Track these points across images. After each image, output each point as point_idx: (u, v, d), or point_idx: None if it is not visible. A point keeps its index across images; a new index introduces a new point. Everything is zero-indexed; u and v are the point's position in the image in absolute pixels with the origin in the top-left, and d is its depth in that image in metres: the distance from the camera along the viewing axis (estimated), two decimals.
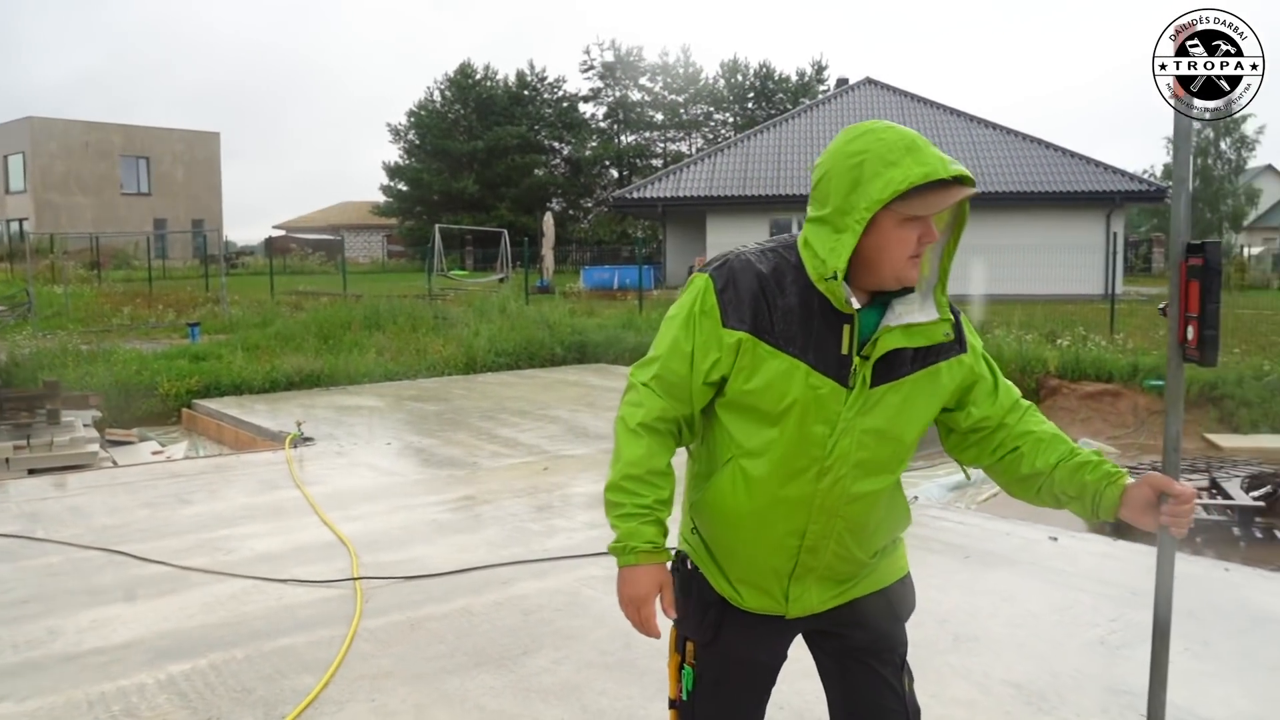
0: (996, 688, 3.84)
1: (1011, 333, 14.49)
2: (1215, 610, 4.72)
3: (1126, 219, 32.18)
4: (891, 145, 1.89)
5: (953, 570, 5.33)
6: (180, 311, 21.15)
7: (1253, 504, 7.57)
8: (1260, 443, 10.94)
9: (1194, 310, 2.17)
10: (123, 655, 4.14)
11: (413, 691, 3.79)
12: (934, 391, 2.04)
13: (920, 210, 1.87)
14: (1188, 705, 3.69)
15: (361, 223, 64.82)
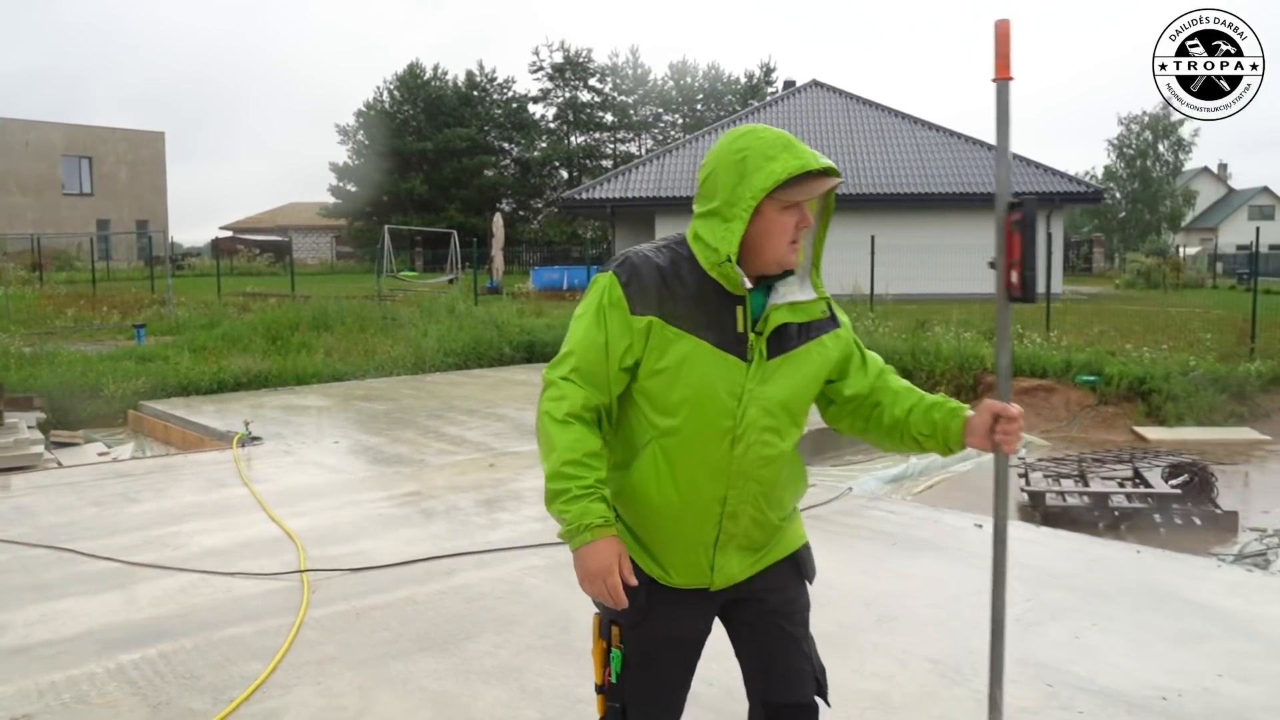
0: (915, 663, 4.07)
1: (950, 330, 14.85)
2: (1122, 589, 4.99)
3: (1066, 220, 32.89)
4: (771, 142, 2.16)
5: (880, 556, 5.57)
6: (125, 313, 20.96)
7: (1170, 492, 7.91)
8: (1184, 435, 11.37)
9: (1016, 257, 2.45)
10: (72, 647, 4.23)
11: (357, 675, 3.93)
12: (822, 361, 2.29)
13: (798, 196, 2.13)
14: (1089, 676, 3.94)
15: (309, 224, 64.31)
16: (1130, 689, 3.82)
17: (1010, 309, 2.47)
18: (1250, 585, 5.10)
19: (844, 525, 6.18)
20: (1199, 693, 3.79)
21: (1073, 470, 8.85)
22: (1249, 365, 12.90)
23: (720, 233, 2.15)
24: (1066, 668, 4.02)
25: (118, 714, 3.61)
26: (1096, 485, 8.31)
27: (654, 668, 2.32)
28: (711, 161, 2.22)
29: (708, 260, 2.17)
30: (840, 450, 9.96)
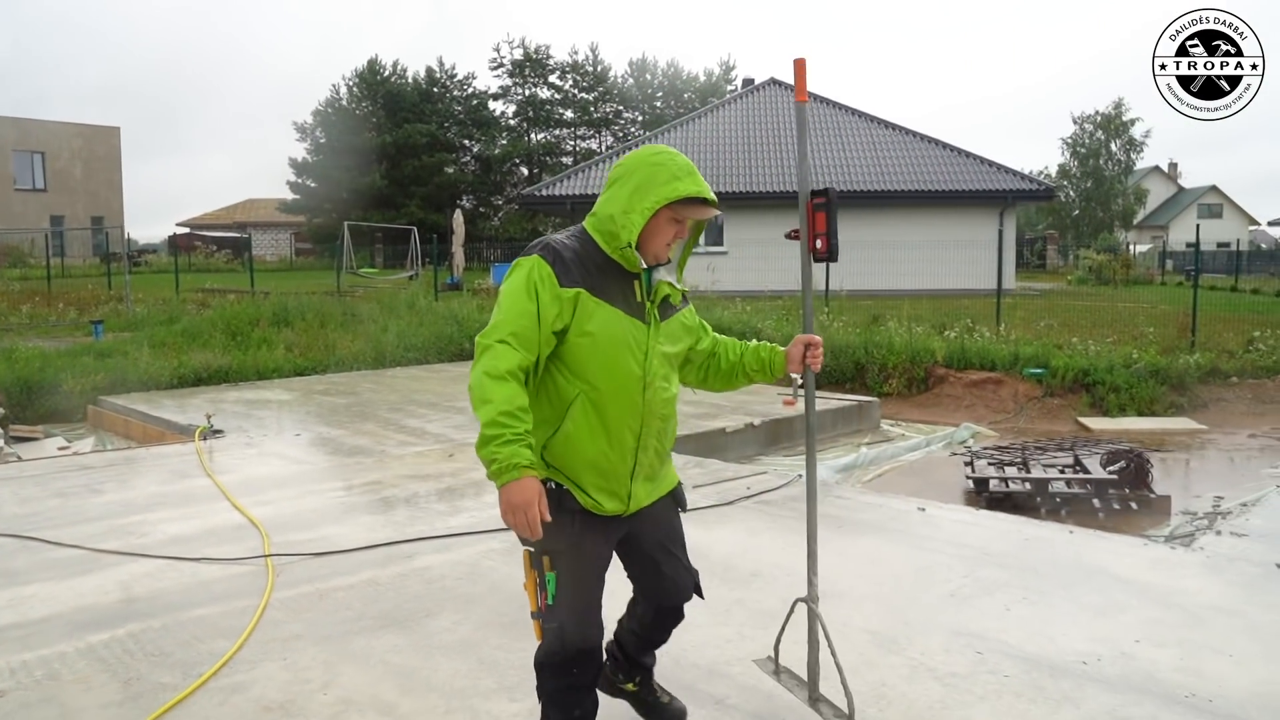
0: (854, 634, 4.30)
1: (903, 324, 15.18)
2: (1054, 565, 5.26)
3: (1019, 217, 33.46)
4: (681, 165, 2.77)
5: (826, 538, 5.78)
6: (82, 310, 20.81)
7: (1107, 477, 8.23)
8: (1126, 425, 11.76)
9: (822, 229, 3.29)
10: (41, 629, 4.36)
11: (322, 651, 4.10)
12: (689, 327, 3.02)
13: (686, 214, 2.79)
14: (1017, 644, 4.19)
15: (268, 220, 63.81)
16: (1054, 655, 4.07)
17: (813, 265, 3.37)
18: (1171, 561, 5.39)
19: (793, 510, 6.42)
20: (1116, 657, 4.05)
21: (1016, 458, 9.16)
22: (1188, 358, 13.33)
23: (624, 223, 2.72)
24: (996, 637, 4.26)
25: (89, 689, 3.75)
26: (1038, 472, 8.61)
27: (582, 584, 2.81)
28: (629, 164, 2.80)
29: (611, 245, 2.76)
30: (794, 441, 10.21)
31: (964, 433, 11.33)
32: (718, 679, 3.85)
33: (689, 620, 4.38)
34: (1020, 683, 3.81)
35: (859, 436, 10.86)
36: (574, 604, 2.78)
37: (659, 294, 2.85)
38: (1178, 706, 3.60)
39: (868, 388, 13.37)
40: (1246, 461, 10.41)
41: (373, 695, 3.71)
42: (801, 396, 3.24)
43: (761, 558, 5.39)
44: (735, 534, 5.85)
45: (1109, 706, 3.60)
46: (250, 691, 3.72)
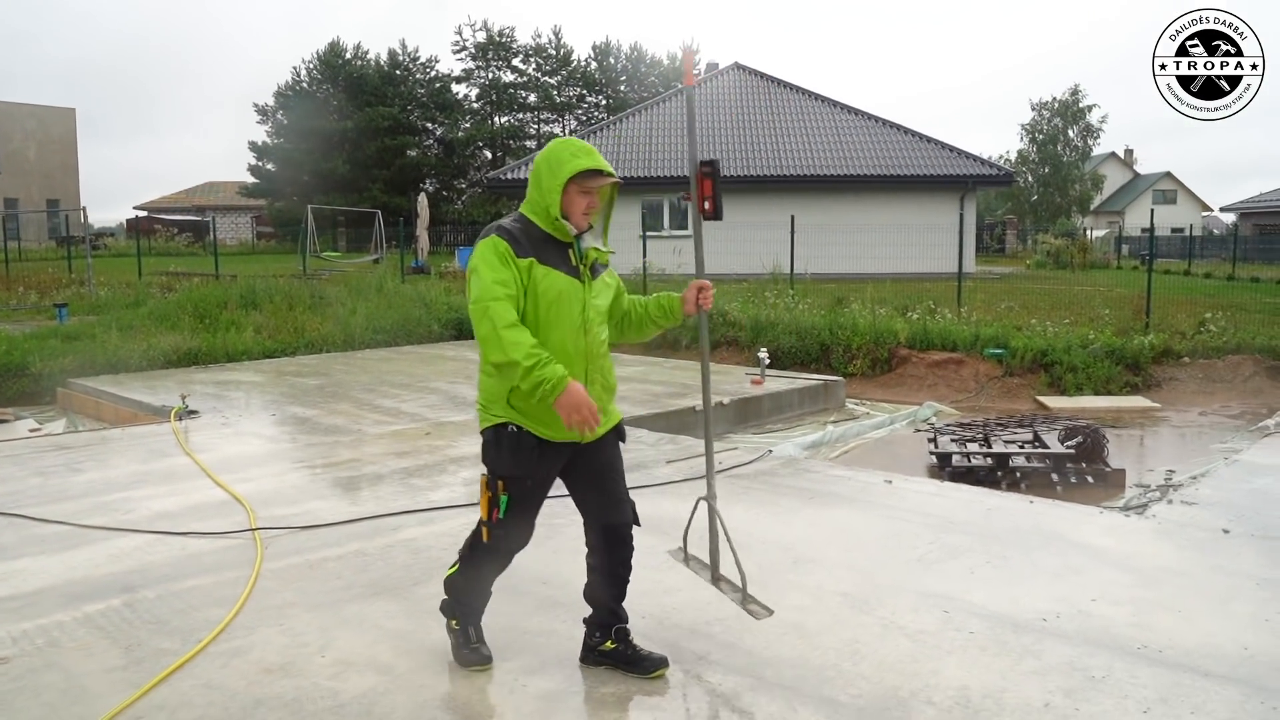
0: (827, 597, 4.50)
1: (866, 306, 15.44)
2: (1015, 532, 5.51)
3: (978, 202, 33.90)
4: (579, 147, 3.44)
5: (797, 509, 6.01)
6: (43, 293, 20.61)
7: (1065, 452, 8.51)
8: (1083, 403, 12.09)
9: (709, 193, 3.79)
10: (37, 600, 4.46)
11: (316, 617, 4.24)
12: (613, 286, 3.65)
13: (587, 184, 3.40)
14: (981, 603, 4.41)
15: (228, 204, 63.13)
16: (1016, 613, 4.30)
17: (703, 223, 3.83)
18: (1126, 528, 5.65)
19: (764, 483, 6.62)
20: (1074, 614, 4.29)
21: (977, 434, 9.43)
22: (1143, 339, 13.69)
23: (548, 201, 3.39)
24: (962, 597, 4.49)
25: (91, 655, 3.87)
26: (999, 447, 8.88)
27: (527, 507, 3.54)
28: (541, 156, 3.47)
29: (545, 220, 3.42)
30: (761, 419, 10.43)
31: (927, 411, 11.60)
32: (699, 637, 4.03)
33: (670, 584, 4.59)
34: (985, 638, 4.03)
35: (825, 415, 11.10)
36: (519, 520, 3.53)
37: (589, 257, 3.49)
38: (1131, 657, 3.84)
39: (833, 368, 13.61)
40: (1197, 437, 10.76)
41: (369, 657, 3.86)
42: (768, 377, 3.63)
43: (736, 527, 5.51)
44: None
45: (1068, 658, 3.82)
46: (250, 655, 3.85)
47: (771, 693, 3.55)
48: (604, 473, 3.60)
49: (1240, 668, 3.76)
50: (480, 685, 3.63)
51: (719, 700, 3.50)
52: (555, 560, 4.89)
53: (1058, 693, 3.54)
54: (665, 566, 4.85)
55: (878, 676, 3.67)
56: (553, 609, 4.32)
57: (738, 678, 3.66)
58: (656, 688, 3.59)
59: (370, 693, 3.54)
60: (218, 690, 3.55)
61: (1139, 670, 3.72)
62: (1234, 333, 14.07)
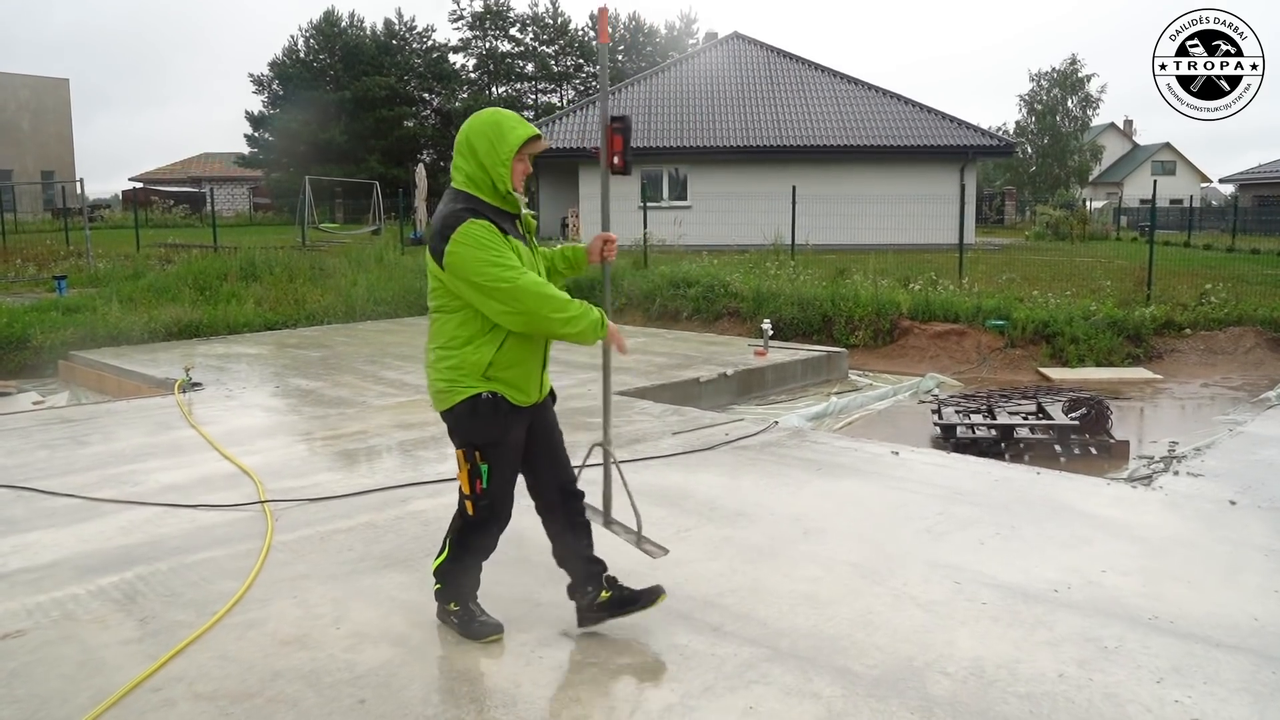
0: (839, 567, 4.52)
1: (868, 277, 15.42)
2: (1024, 504, 5.52)
3: (979, 172, 33.80)
4: (512, 116, 3.52)
5: (806, 480, 6.02)
6: (41, 265, 20.53)
7: (1069, 423, 8.52)
8: (1085, 374, 12.10)
9: (619, 149, 3.93)
10: (51, 572, 4.46)
11: (330, 589, 4.25)
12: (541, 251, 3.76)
13: (530, 150, 3.50)
14: (991, 574, 4.43)
15: (224, 175, 62.78)
16: (1027, 584, 4.31)
17: (611, 178, 3.96)
18: (1132, 499, 5.67)
19: (772, 455, 6.62)
20: (1085, 585, 4.30)
21: (981, 406, 9.44)
22: (1144, 310, 13.69)
23: (497, 175, 3.45)
24: (972, 568, 4.50)
25: (107, 627, 3.88)
26: (1003, 419, 8.90)
27: (508, 472, 3.63)
28: (472, 131, 3.49)
29: (493, 195, 3.50)
30: (765, 391, 10.43)
31: (929, 382, 11.61)
32: (712, 609, 4.04)
33: (681, 556, 4.60)
34: (997, 609, 4.05)
35: (828, 386, 11.11)
36: (502, 487, 3.61)
37: (529, 227, 3.65)
38: (1142, 627, 3.86)
39: (835, 339, 13.61)
40: (1199, 409, 10.79)
41: (384, 628, 3.87)
42: (773, 349, 3.67)
43: (745, 498, 5.59)
44: (718, 477, 6.05)
45: (1080, 628, 3.84)
46: (265, 627, 3.86)
47: (787, 663, 3.56)
48: (550, 435, 3.79)
49: (1251, 638, 3.78)
50: (495, 657, 3.64)
51: (736, 670, 3.51)
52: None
53: (1071, 663, 3.55)
54: (674, 538, 4.87)
55: (892, 647, 3.69)
56: (564, 580, 4.31)
57: (753, 648, 3.68)
58: (672, 659, 3.60)
59: (387, 665, 3.55)
60: (234, 662, 3.56)
61: (1151, 640, 3.74)
62: (1235, 304, 14.07)
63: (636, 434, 7.21)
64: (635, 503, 3.99)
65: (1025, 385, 11.31)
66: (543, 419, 3.73)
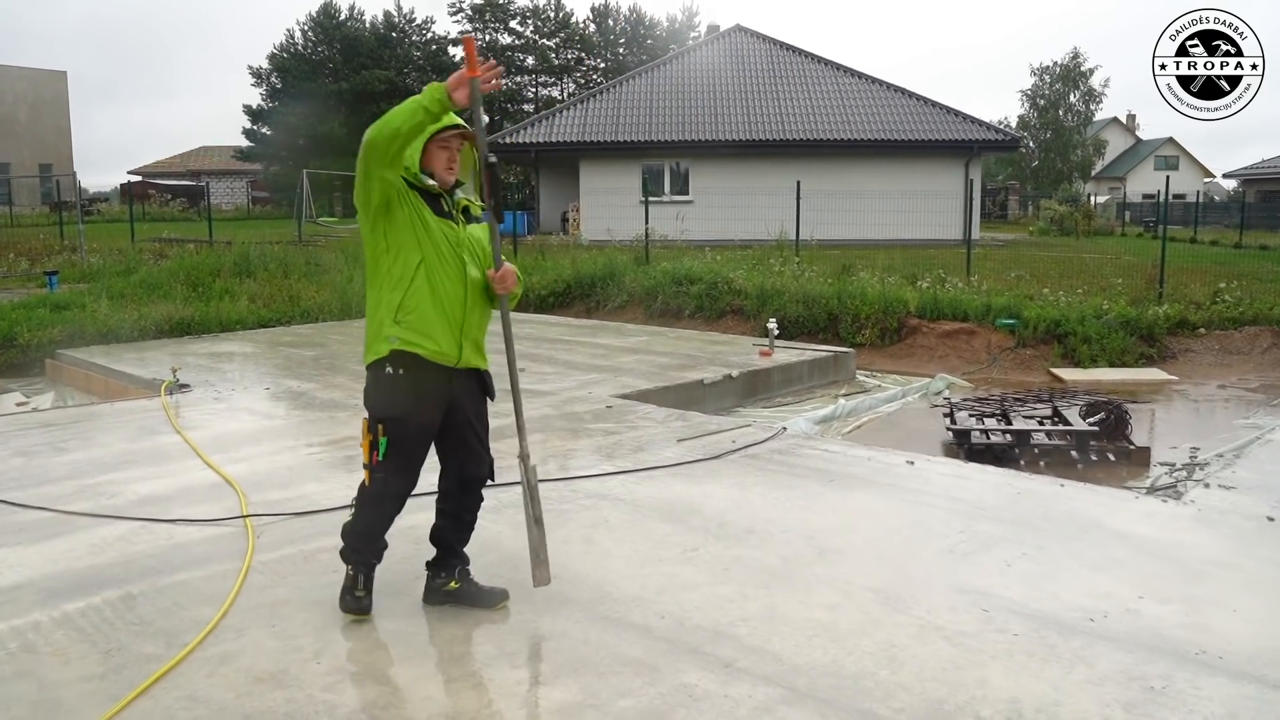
0: (857, 593, 4.22)
1: (875, 275, 15.10)
2: (1049, 519, 5.22)
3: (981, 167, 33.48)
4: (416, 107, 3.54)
5: (818, 493, 5.72)
6: (34, 260, 20.23)
7: (1088, 429, 8.22)
8: (1098, 375, 11.80)
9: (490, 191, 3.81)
10: (13, 597, 4.16)
11: (311, 617, 3.95)
12: (482, 233, 3.86)
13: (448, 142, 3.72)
14: (1021, 600, 4.13)
15: (223, 168, 62.41)
16: (1060, 611, 4.02)
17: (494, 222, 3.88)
18: (1164, 515, 5.37)
19: (781, 464, 6.32)
20: (1122, 614, 4.00)
21: (995, 409, 9.14)
22: (1157, 309, 13.38)
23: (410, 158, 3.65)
24: (1000, 594, 4.20)
25: (68, 662, 3.58)
26: (1018, 424, 8.59)
27: (406, 447, 3.74)
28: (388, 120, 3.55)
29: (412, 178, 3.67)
30: (770, 392, 10.13)
31: (939, 383, 11.31)
32: (723, 640, 3.74)
33: (687, 579, 4.31)
34: (1030, 641, 3.75)
35: (835, 388, 10.80)
36: (398, 463, 3.74)
37: (459, 205, 3.81)
38: (1189, 664, 3.56)
39: (840, 338, 13.30)
40: (1217, 412, 10.50)
41: (368, 664, 3.58)
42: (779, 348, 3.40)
43: (755, 513, 5.29)
44: (726, 489, 5.75)
45: (1122, 665, 3.54)
46: (240, 661, 3.56)
47: (806, 705, 3.26)
48: (468, 425, 3.85)
49: None
50: (490, 698, 3.34)
51: (751, 715, 3.21)
52: (564, 551, 4.59)
53: (1116, 706, 3.26)
54: (680, 559, 4.58)
55: (919, 686, 3.39)
56: (565, 608, 4.02)
57: (768, 688, 3.38)
58: (680, 700, 3.30)
59: (370, 706, 3.26)
60: (203, 704, 3.26)
61: (1200, 680, 3.44)
62: (1250, 303, 13.75)
63: (640, 441, 6.91)
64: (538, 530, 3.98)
65: (1039, 388, 11.00)
66: (462, 404, 3.81)
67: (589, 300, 16.06)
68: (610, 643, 3.70)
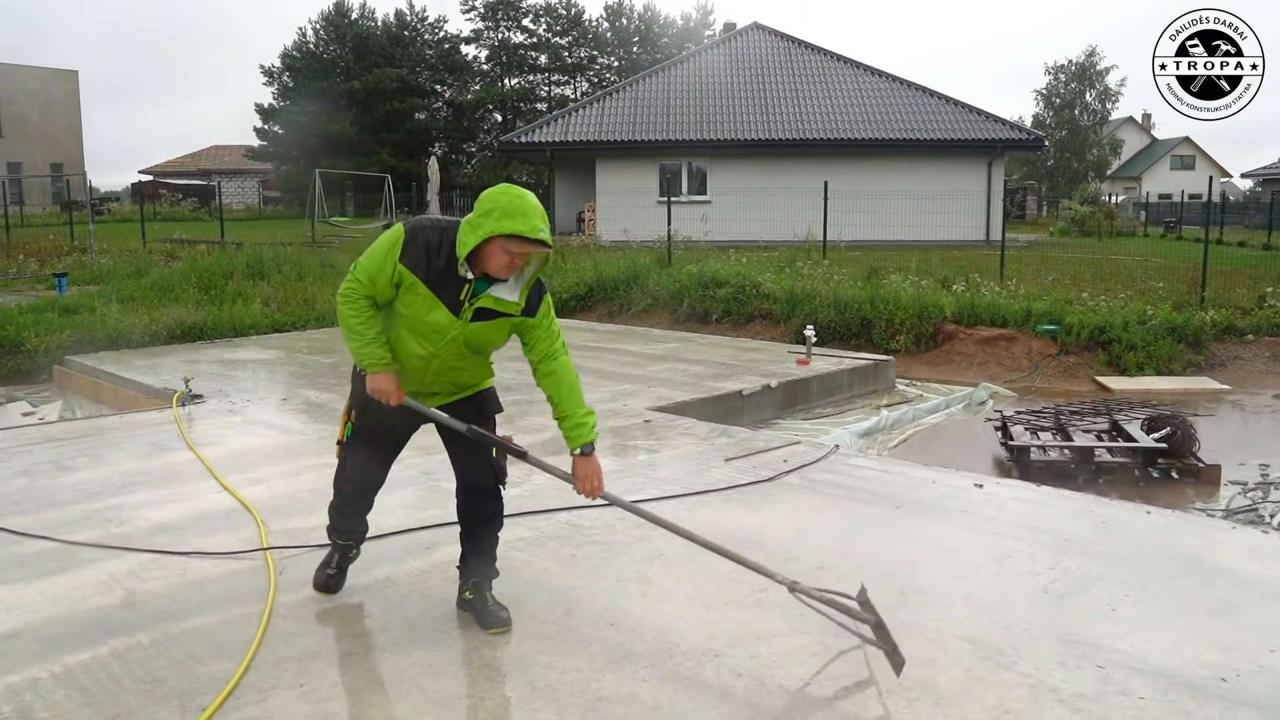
0: (952, 644, 3.76)
1: (908, 278, 14.62)
2: (1143, 553, 4.75)
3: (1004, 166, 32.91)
4: (515, 206, 3.34)
5: (886, 521, 5.26)
6: (44, 261, 19.86)
7: (1155, 445, 7.74)
8: (1146, 384, 11.31)
9: None
10: (9, 647, 3.72)
11: (344, 674, 3.51)
12: (499, 331, 3.58)
13: (512, 248, 3.34)
14: (1140, 654, 3.66)
15: (234, 168, 62.14)
16: (1185, 668, 3.55)
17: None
18: (1270, 549, 4.89)
19: (840, 487, 5.86)
20: (1256, 671, 3.54)
21: (1050, 423, 8.66)
22: (1203, 314, 12.89)
23: (466, 239, 3.38)
24: (1112, 645, 3.74)
25: None
26: (1079, 439, 8.12)
27: (371, 436, 3.84)
28: (487, 195, 3.42)
29: (458, 252, 3.41)
30: (810, 403, 9.67)
31: (983, 393, 10.85)
32: (814, 705, 3.29)
33: (760, 626, 3.87)
34: (1160, 706, 3.29)
35: (875, 398, 10.33)
36: (360, 450, 3.84)
37: (479, 302, 3.48)
38: None
39: (874, 344, 12.84)
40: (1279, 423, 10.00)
41: None
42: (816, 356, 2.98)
43: (823, 545, 4.83)
44: (786, 516, 5.29)
45: None
46: None
47: None
48: (461, 438, 3.75)
49: None
50: None
51: None
52: (620, 592, 4.15)
53: None
54: (749, 601, 4.14)
55: None
56: (628, 663, 3.57)
57: None
58: None
59: None
60: None
61: None
62: None
63: (685, 460, 6.46)
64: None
65: (1089, 398, 10.52)
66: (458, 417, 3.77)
67: (612, 303, 15.61)
68: (686, 711, 3.24)
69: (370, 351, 3.56)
